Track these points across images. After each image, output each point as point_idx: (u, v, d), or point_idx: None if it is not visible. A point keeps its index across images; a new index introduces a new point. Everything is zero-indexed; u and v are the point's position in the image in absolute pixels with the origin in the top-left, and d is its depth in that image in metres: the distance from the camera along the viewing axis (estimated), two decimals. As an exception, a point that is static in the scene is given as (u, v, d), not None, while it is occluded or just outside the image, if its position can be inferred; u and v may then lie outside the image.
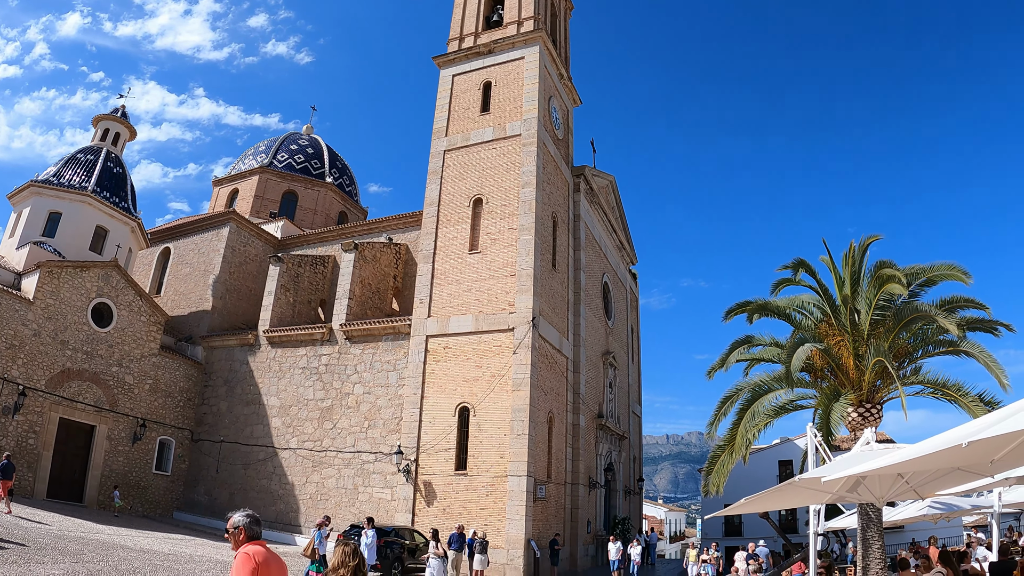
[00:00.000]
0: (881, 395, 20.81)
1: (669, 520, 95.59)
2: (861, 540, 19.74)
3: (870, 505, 19.31)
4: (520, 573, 29.62)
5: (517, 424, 31.15)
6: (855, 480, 12.92)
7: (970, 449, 7.66)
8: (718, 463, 21.33)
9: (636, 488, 52.71)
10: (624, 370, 50.19)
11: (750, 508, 15.00)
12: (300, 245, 47.42)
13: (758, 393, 20.53)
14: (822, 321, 21.33)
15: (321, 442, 36.48)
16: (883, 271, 19.64)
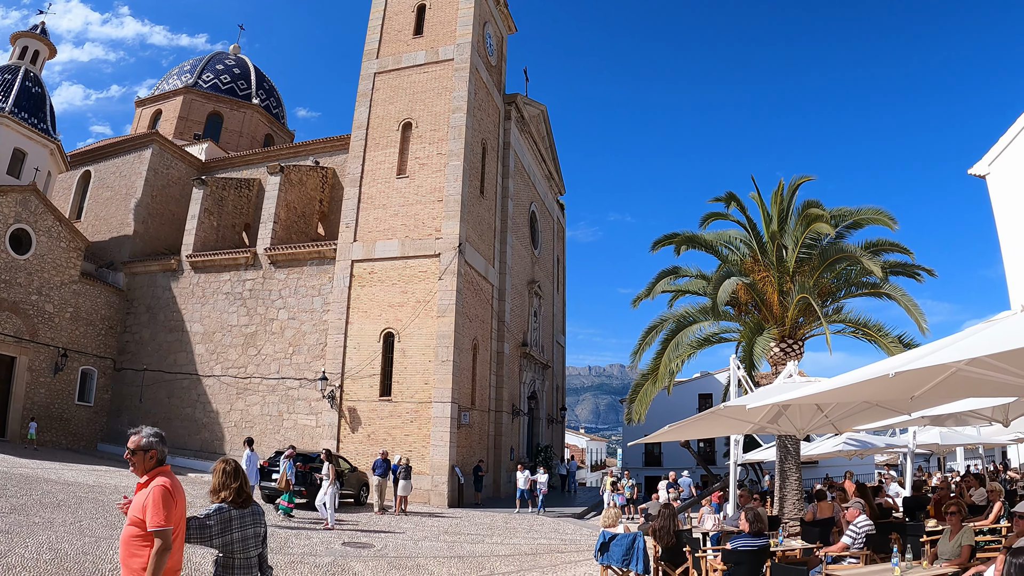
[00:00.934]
0: (803, 332, 20.90)
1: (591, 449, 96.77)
2: (779, 472, 19.89)
3: (789, 438, 19.43)
4: (444, 499, 29.68)
5: (442, 350, 30.95)
6: (777, 411, 12.88)
7: (893, 383, 7.65)
8: (641, 392, 21.27)
9: (559, 417, 53.12)
10: (549, 300, 50.21)
11: (673, 436, 14.86)
12: (225, 168, 45.99)
13: (683, 324, 20.41)
14: (748, 257, 21.27)
15: (245, 369, 35.86)
16: (811, 211, 19.59)
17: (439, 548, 18.11)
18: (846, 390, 8.08)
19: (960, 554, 9.81)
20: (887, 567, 9.29)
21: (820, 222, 19.00)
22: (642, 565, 12.60)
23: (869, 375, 7.24)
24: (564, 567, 16.31)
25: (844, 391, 8.21)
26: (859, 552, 11.62)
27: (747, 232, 21.18)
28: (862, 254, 19.44)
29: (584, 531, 24.64)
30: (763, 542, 10.90)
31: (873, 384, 7.91)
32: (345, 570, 14.05)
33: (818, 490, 17.80)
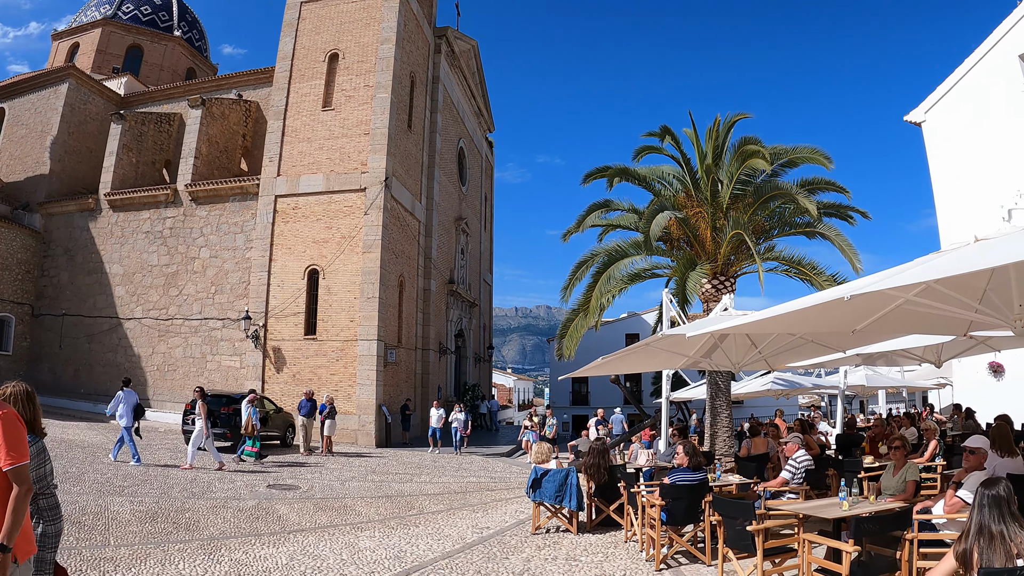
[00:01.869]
0: (735, 269, 20.64)
1: (518, 389, 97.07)
2: (710, 408, 19.82)
3: (720, 374, 19.27)
4: (371, 438, 29.08)
5: (367, 287, 30.12)
6: (713, 344, 12.46)
7: (838, 314, 7.64)
8: (571, 327, 20.80)
9: (486, 356, 52.69)
10: (476, 237, 49.40)
11: (607, 369, 14.43)
12: (145, 103, 43.64)
13: (614, 258, 19.89)
14: (681, 192, 20.87)
15: (167, 310, 34.43)
16: (747, 147, 19.23)
17: (366, 488, 17.49)
18: (794, 316, 7.65)
19: (905, 489, 9.48)
20: (833, 501, 8.88)
21: (757, 158, 18.60)
22: (575, 502, 12.10)
23: (823, 299, 6.77)
24: (495, 505, 15.76)
25: (791, 318, 7.80)
26: (798, 487, 11.26)
27: (681, 168, 20.74)
28: (798, 192, 19.15)
29: (514, 469, 24.25)
30: (701, 476, 10.47)
31: (820, 312, 7.54)
32: (269, 513, 13.34)
33: (752, 426, 17.56)
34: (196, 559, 9.45)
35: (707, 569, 9.74)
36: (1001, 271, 6.46)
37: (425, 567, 9.59)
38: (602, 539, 11.83)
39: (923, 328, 9.10)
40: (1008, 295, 6.75)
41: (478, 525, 12.98)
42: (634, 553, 10.76)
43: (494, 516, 14.15)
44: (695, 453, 10.67)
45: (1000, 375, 22.53)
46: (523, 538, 11.76)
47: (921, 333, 9.90)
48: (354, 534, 11.77)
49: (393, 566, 9.64)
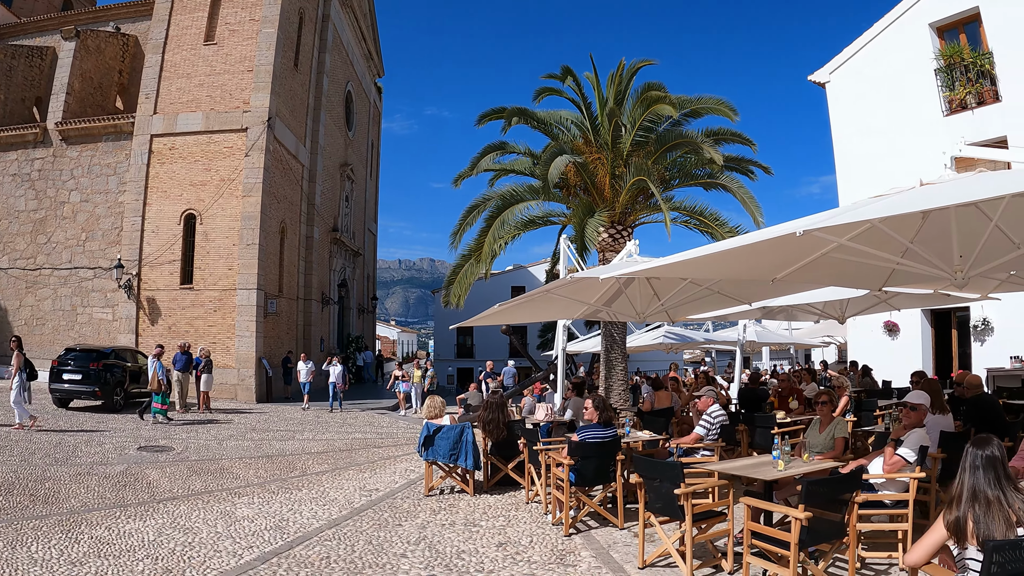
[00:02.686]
0: (633, 218, 19.95)
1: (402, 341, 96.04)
2: (604, 361, 19.27)
3: (615, 326, 18.73)
4: (252, 393, 27.80)
5: (247, 233, 28.52)
6: (615, 292, 11.61)
7: (761, 260, 7.33)
8: (461, 274, 19.70)
9: (370, 307, 51.18)
10: (362, 185, 47.53)
11: (503, 318, 13.61)
12: (16, 35, 39.80)
13: (509, 202, 18.85)
14: (580, 138, 19.97)
15: (35, 259, 31.70)
16: (652, 93, 18.37)
17: (246, 448, 16.20)
18: (723, 258, 7.15)
19: (834, 446, 8.88)
20: (763, 460, 8.15)
21: (662, 104, 17.83)
22: (472, 460, 11.16)
23: (771, 235, 6.02)
24: (383, 463, 14.65)
25: (719, 259, 7.23)
26: (713, 444, 10.55)
27: (581, 112, 19.91)
28: (703, 140, 18.57)
29: (401, 424, 23.20)
30: (612, 433, 9.61)
31: (751, 255, 7.12)
32: (139, 480, 11.89)
33: (656, 378, 16.97)
34: (51, 538, 8.02)
35: (620, 532, 8.94)
36: (940, 222, 6.40)
37: (310, 538, 8.42)
38: (501, 500, 10.90)
39: (842, 280, 8.81)
40: (948, 246, 6.56)
41: (366, 487, 11.87)
42: (538, 516, 9.85)
43: (383, 476, 13.04)
44: (605, 407, 9.81)
45: (895, 334, 22.96)
46: (416, 501, 10.77)
47: (839, 285, 9.47)
48: (231, 501, 10.50)
49: (274, 538, 8.45)
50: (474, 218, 19.98)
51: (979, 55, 21.34)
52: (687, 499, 6.94)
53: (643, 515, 7.65)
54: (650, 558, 7.67)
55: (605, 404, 9.92)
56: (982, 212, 6.25)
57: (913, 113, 22.74)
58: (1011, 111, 20.32)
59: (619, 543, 8.55)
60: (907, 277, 8.42)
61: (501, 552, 8.10)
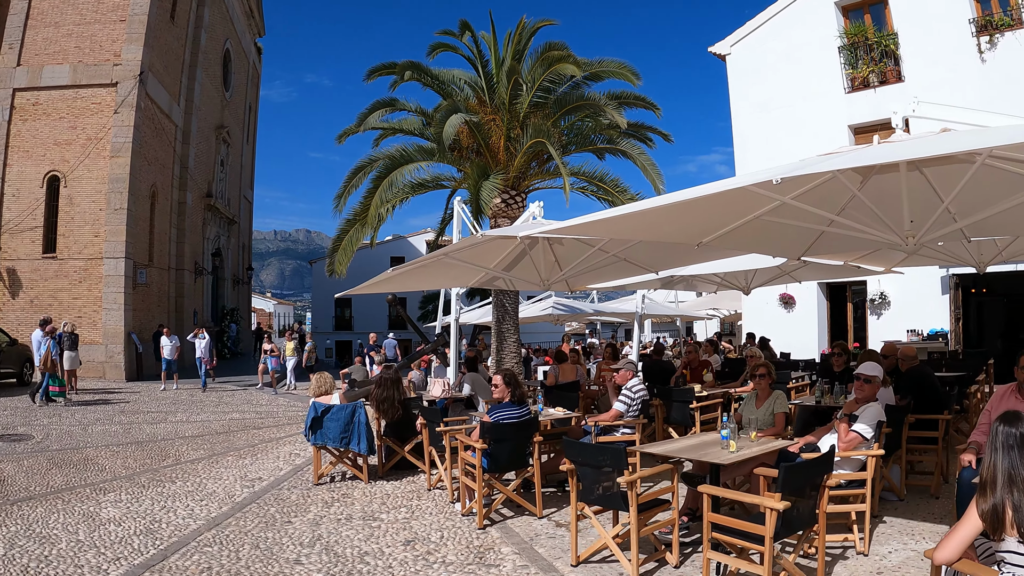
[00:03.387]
0: (528, 183, 19.20)
1: (278, 314, 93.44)
2: (496, 333, 18.59)
3: (507, 296, 18.07)
4: (121, 371, 25.86)
5: (115, 197, 26.35)
6: (517, 257, 10.63)
7: (697, 219, 6.95)
8: (345, 240, 18.55)
9: (245, 277, 48.75)
10: (238, 149, 44.96)
11: (394, 284, 12.47)
12: None
13: (398, 162, 17.69)
14: (474, 99, 19.02)
15: None
16: (554, 52, 17.60)
17: (113, 433, 14.55)
18: (655, 215, 6.67)
19: (775, 423, 8.16)
20: (708, 439, 7.39)
21: (565, 63, 17.02)
22: (365, 444, 10.07)
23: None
24: (264, 447, 13.27)
25: (654, 215, 6.72)
26: (634, 420, 9.75)
27: (477, 72, 18.93)
28: (607, 103, 17.93)
29: (281, 401, 21.73)
30: (527, 412, 8.65)
31: (683, 213, 6.62)
32: (-11, 476, 10.31)
33: (558, 351, 16.12)
34: None
35: (539, 523, 8.01)
36: (891, 187, 6.25)
37: (187, 544, 7.09)
38: (400, 487, 9.80)
39: (766, 246, 8.53)
40: (898, 210, 6.33)
41: (248, 476, 10.55)
42: (444, 505, 8.83)
43: (265, 462, 11.69)
44: (517, 383, 8.83)
45: (791, 307, 23.37)
46: (305, 491, 9.56)
47: (761, 252, 9.08)
48: (96, 500, 9.01)
49: (145, 546, 7.10)
50: (359, 180, 18.89)
51: (884, 35, 21.75)
52: (632, 488, 6.03)
53: (575, 506, 6.75)
54: (585, 553, 6.75)
55: (516, 380, 8.94)
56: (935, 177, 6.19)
57: (814, 89, 22.97)
58: (913, 91, 19.54)
59: (542, 535, 7.61)
60: (840, 244, 8.42)
61: (410, 552, 7.01)
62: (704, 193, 5.58)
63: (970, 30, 20.40)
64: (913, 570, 6.16)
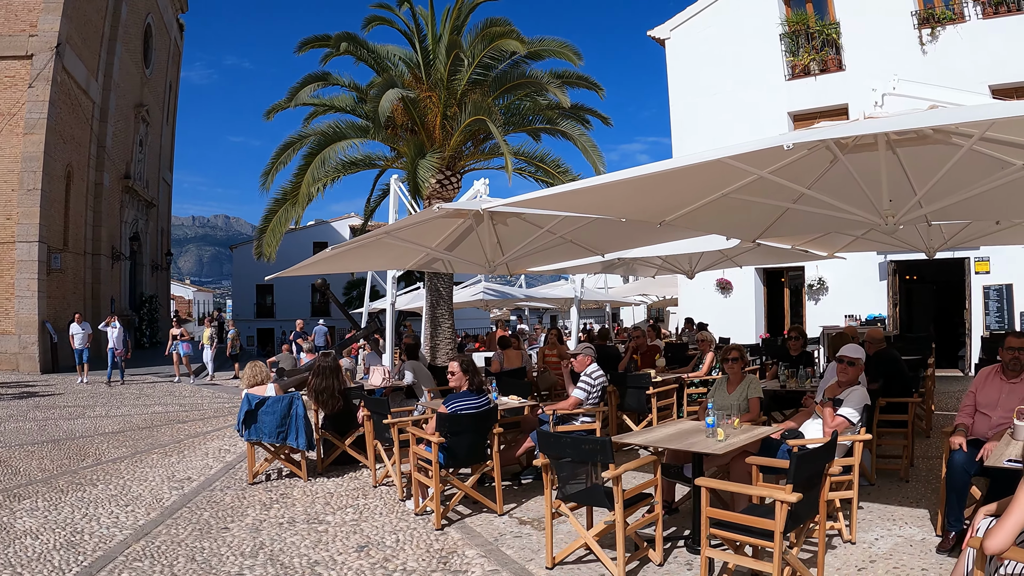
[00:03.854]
0: (463, 164, 18.69)
1: (197, 301, 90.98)
2: (430, 318, 18.19)
3: (441, 279, 17.72)
4: (36, 363, 24.73)
5: (28, 177, 24.96)
6: (460, 237, 10.02)
7: (655, 199, 6.89)
8: (274, 220, 17.73)
9: (164, 263, 47.14)
10: (158, 129, 43.24)
11: (331, 265, 11.84)
12: None
13: (331, 138, 16.85)
14: (409, 75, 18.38)
15: None
16: (496, 28, 17.14)
17: (28, 431, 13.44)
18: (629, 186, 6.35)
19: (750, 408, 7.79)
20: (692, 426, 6.97)
21: (508, 39, 16.57)
22: (304, 438, 9.35)
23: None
24: (192, 443, 12.34)
25: (627, 187, 6.39)
26: (594, 408, 9.18)
27: (413, 48, 18.24)
28: (550, 81, 17.49)
29: (205, 392, 20.68)
30: (486, 402, 8.01)
31: (663, 185, 6.37)
32: None
33: (501, 337, 15.49)
34: None
35: (501, 520, 7.43)
36: (868, 165, 6.05)
37: (114, 559, 6.22)
38: (343, 485, 9.08)
39: (728, 226, 8.46)
40: (877, 189, 6.23)
41: (176, 476, 9.63)
42: (393, 503, 8.15)
43: (193, 460, 10.78)
44: (475, 370, 8.15)
45: (728, 292, 23.80)
46: (240, 491, 8.71)
47: (722, 233, 9.02)
48: (9, 508, 8.02)
49: (66, 563, 6.21)
50: (288, 157, 18.18)
51: (826, 24, 22.17)
52: (618, 483, 5.52)
53: (551, 503, 6.16)
54: (561, 554, 6.19)
55: (475, 367, 8.29)
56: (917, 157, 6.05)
57: (754, 76, 23.06)
58: (854, 80, 20.88)
59: (507, 535, 6.99)
60: (801, 224, 8.31)
61: (365, 559, 6.30)
62: (686, 164, 5.46)
63: (912, 22, 20.79)
64: (906, 556, 5.96)
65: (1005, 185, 5.89)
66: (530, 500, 8.23)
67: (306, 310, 58.40)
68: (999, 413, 6.23)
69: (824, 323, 20.75)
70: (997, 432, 6.01)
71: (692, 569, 5.90)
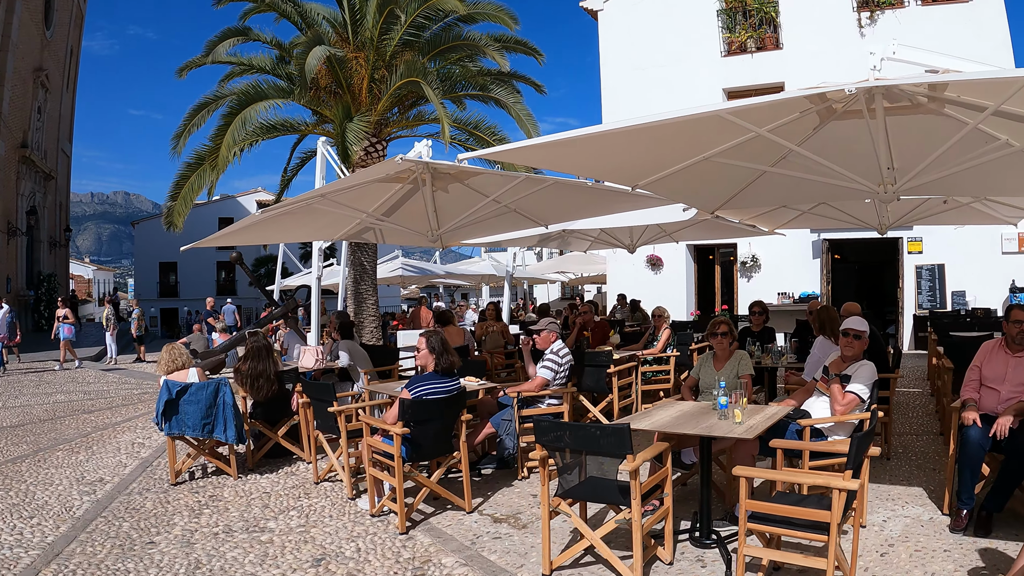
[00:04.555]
0: (390, 131, 17.73)
1: (98, 280, 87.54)
2: (353, 294, 17.31)
3: (365, 252, 17.03)
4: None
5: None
6: (399, 202, 9.16)
7: (635, 158, 6.54)
8: (187, 186, 16.28)
9: (63, 240, 44.59)
10: (58, 96, 40.90)
11: (253, 235, 11.13)
12: None
13: (252, 98, 15.43)
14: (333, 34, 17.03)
15: None
16: None
17: None
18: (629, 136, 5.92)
19: (741, 387, 7.01)
20: (700, 407, 6.35)
21: (446, -3, 15.40)
22: (234, 431, 8.16)
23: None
24: (100, 437, 10.89)
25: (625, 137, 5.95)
26: (561, 389, 8.32)
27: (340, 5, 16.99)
28: (488, 44, 16.83)
29: (110, 378, 19.07)
30: (456, 385, 7.09)
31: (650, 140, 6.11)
32: None
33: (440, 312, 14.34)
34: None
35: (472, 519, 6.60)
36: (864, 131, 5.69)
37: None
38: (280, 482, 7.99)
39: (695, 194, 8.18)
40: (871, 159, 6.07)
41: (86, 477, 8.34)
42: (342, 503, 7.15)
43: (104, 457, 9.46)
44: (445, 349, 7.15)
45: (659, 268, 23.76)
46: (162, 494, 7.50)
47: (687, 202, 8.90)
48: None
49: None
50: (203, 118, 16.87)
51: (764, 3, 22.09)
52: (636, 476, 4.84)
53: (550, 503, 5.37)
54: (561, 559, 5.42)
55: (446, 345, 7.27)
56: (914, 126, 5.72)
57: (689, 51, 22.92)
58: (791, 58, 21.47)
59: (483, 536, 6.14)
60: (768, 193, 8.00)
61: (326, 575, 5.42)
62: (685, 116, 5.13)
63: (851, 4, 21.03)
64: (923, 538, 5.74)
65: (995, 161, 5.82)
66: (496, 493, 7.39)
67: (211, 288, 56.88)
68: (1007, 387, 6.05)
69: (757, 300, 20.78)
70: (1006, 406, 5.84)
71: (706, 566, 5.33)
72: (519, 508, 6.70)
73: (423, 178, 8.04)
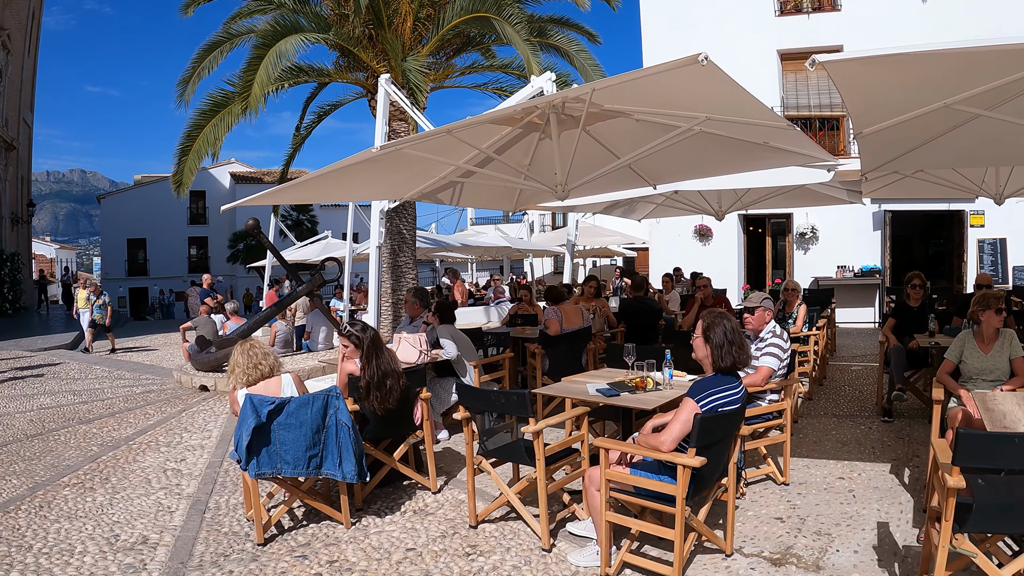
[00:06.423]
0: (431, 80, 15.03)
1: (61, 259, 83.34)
2: (391, 268, 15.37)
3: (404, 220, 15.33)
4: None
5: None
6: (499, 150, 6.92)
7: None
8: (200, 138, 13.52)
9: (26, 216, 40.73)
10: (19, 60, 36.98)
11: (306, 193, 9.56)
12: None
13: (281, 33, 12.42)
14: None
15: None
16: None
17: None
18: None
19: (1015, 371, 5.98)
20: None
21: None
22: (353, 464, 5.36)
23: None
24: (118, 464, 7.59)
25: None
26: (783, 382, 6.61)
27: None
28: None
29: (99, 373, 15.00)
30: (743, 389, 4.77)
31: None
32: None
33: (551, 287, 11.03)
34: None
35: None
36: None
37: None
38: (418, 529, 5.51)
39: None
40: None
41: (122, 538, 5.32)
42: (536, 557, 4.93)
43: (134, 497, 6.35)
44: (728, 341, 4.70)
45: (707, 239, 22.13)
46: (253, 564, 4.81)
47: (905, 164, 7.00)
48: None
49: None
50: (215, 60, 14.78)
51: None
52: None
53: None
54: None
55: (733, 335, 4.78)
56: None
57: (740, 9, 21.28)
58: (849, 21, 20.12)
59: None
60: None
61: None
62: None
63: None
64: None
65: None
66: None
67: (183, 266, 53.93)
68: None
69: (815, 274, 20.46)
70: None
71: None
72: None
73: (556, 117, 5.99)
